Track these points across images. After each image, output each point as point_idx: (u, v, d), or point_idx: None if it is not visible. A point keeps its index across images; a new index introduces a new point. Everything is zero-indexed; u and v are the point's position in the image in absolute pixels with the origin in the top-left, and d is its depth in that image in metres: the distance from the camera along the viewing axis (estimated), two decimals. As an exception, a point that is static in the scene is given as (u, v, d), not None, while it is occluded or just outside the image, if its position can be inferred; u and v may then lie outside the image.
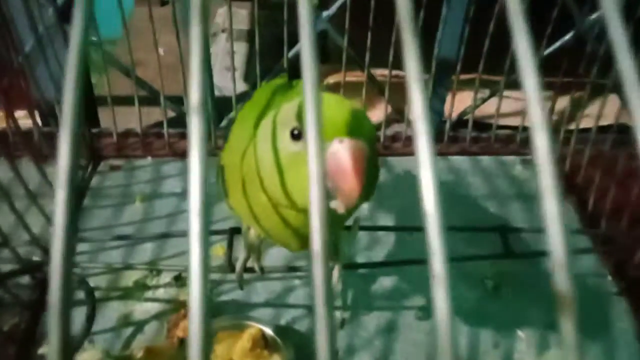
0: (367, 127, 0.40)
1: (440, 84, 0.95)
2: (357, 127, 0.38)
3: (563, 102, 0.97)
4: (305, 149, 0.38)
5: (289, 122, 0.40)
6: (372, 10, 0.81)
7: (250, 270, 0.58)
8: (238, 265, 0.57)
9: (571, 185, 0.86)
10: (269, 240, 0.55)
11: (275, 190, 0.40)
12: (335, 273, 0.57)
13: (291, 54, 0.88)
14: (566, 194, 0.86)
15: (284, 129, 0.40)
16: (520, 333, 0.69)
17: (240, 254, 0.58)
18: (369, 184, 0.40)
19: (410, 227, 0.72)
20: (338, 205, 0.38)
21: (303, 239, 0.45)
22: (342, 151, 0.37)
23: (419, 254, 0.74)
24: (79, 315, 0.63)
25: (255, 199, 0.43)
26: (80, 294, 0.64)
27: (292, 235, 0.45)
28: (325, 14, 0.87)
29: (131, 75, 0.83)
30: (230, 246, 0.59)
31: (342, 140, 0.37)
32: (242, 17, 1.33)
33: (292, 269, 0.62)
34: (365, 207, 0.79)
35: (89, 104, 0.98)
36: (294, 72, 0.90)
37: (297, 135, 0.39)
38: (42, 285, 0.67)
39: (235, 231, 0.60)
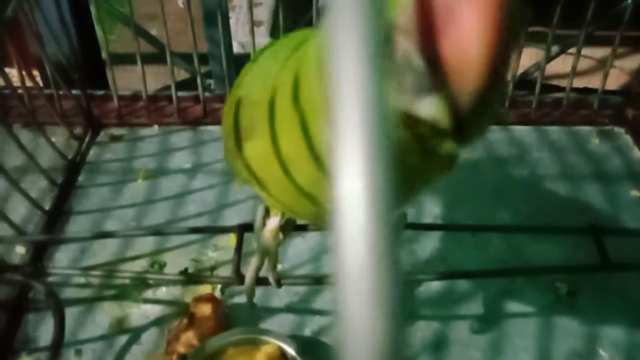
0: None
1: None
2: None
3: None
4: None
5: None
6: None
7: (264, 281, 0.46)
8: (248, 276, 0.45)
9: None
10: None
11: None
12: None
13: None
14: None
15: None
16: (602, 352, 0.55)
17: (251, 260, 0.46)
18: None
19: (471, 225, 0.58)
20: (437, 108, 0.20)
21: None
22: None
23: (479, 256, 0.61)
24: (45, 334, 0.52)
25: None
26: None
27: None
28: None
29: (130, 25, 0.70)
30: (239, 249, 0.46)
31: None
32: (268, -38, 1.17)
33: (318, 280, 0.49)
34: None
35: (91, 63, 0.85)
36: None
37: None
38: (23, 284, 0.56)
39: (245, 229, 0.47)
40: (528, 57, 0.90)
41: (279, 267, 0.56)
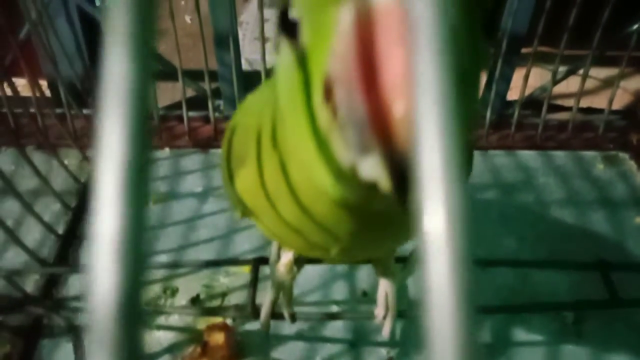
0: None
1: (507, 60, 0.80)
2: None
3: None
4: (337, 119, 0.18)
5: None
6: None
7: (278, 315, 0.47)
8: (264, 310, 0.46)
9: None
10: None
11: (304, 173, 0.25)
12: (387, 326, 0.45)
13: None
14: None
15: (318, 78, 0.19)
16: (607, 382, 0.56)
17: (266, 293, 0.47)
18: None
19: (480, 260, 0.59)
20: (378, 167, 0.18)
21: (341, 240, 0.30)
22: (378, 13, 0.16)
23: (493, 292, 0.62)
24: None
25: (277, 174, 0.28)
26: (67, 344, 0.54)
27: (327, 233, 0.29)
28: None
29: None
30: (254, 283, 0.47)
31: None
32: (276, -21, 1.18)
33: (333, 316, 0.50)
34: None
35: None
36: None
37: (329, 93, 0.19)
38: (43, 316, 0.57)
39: (260, 262, 0.48)
40: (533, 77, 0.91)
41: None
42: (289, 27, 0.20)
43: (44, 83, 0.85)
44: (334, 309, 0.59)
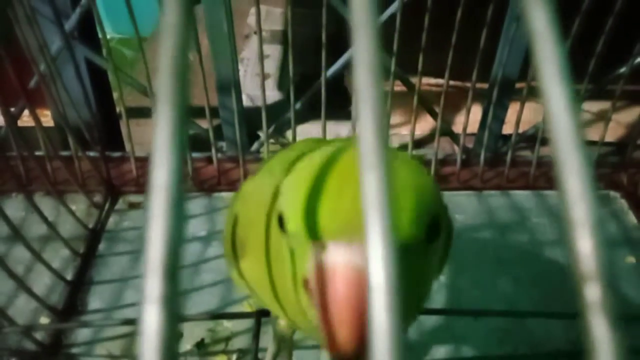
0: (414, 210, 0.24)
1: (499, 103, 0.83)
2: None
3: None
4: (288, 248, 0.26)
5: (278, 201, 0.28)
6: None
7: (280, 369, 0.49)
8: (266, 365, 0.48)
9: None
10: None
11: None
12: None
13: (332, 71, 0.77)
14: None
15: (275, 210, 0.28)
16: None
17: (268, 346, 0.49)
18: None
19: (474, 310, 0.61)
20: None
21: None
22: (330, 270, 0.23)
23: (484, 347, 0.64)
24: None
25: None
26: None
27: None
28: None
29: (143, 90, 0.73)
30: (256, 335, 0.49)
31: (330, 245, 0.23)
32: (276, 17, 1.21)
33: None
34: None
35: (107, 123, 0.89)
36: (336, 88, 0.78)
37: (281, 225, 0.26)
38: None
39: (262, 315, 0.51)
40: (528, 110, 0.93)
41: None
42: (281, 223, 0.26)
43: (48, 116, 0.88)
44: (334, 352, 0.61)
